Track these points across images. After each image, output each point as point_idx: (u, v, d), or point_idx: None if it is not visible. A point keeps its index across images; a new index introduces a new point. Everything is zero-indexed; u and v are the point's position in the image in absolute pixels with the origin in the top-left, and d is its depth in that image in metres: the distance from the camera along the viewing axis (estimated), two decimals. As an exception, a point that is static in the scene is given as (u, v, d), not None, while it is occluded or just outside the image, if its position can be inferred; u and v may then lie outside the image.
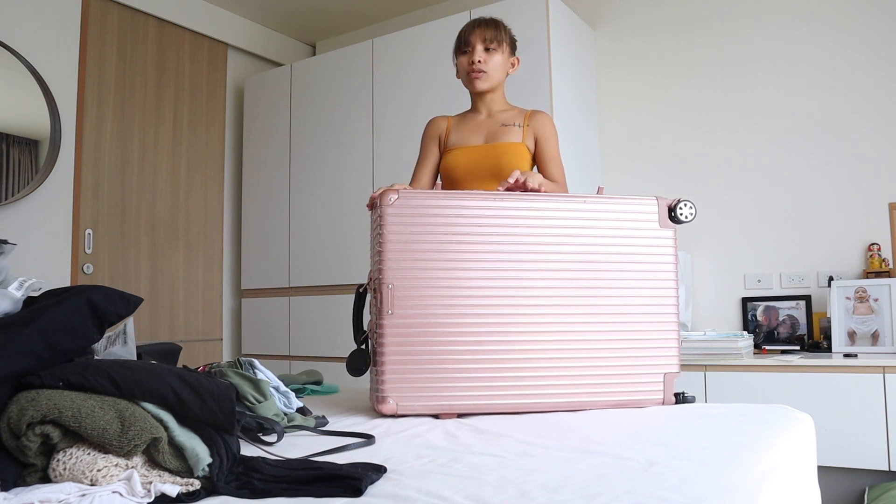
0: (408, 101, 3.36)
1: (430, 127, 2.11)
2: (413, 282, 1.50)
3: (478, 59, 1.95)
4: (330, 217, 3.59)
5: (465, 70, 1.99)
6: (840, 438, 2.35)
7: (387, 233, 1.50)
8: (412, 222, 1.51)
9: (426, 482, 0.95)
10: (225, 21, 3.94)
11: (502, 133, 1.99)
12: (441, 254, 1.51)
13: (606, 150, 3.40)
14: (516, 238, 1.54)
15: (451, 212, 1.52)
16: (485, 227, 1.53)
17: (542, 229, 1.55)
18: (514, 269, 1.53)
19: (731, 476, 0.95)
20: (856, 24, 2.87)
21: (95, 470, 0.85)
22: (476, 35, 1.96)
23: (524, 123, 1.99)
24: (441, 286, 1.50)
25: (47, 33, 3.12)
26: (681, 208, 1.62)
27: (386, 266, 1.49)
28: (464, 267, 1.51)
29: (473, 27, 1.97)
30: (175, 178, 3.68)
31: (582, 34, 3.31)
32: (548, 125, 2.01)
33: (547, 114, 2.05)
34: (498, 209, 1.54)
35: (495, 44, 1.95)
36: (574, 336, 1.55)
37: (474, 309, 1.51)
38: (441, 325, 1.50)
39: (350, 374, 1.60)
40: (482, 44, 1.95)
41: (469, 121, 2.06)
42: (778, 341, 2.89)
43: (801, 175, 2.95)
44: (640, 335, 1.58)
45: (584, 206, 1.58)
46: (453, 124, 2.08)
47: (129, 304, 1.08)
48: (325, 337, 3.53)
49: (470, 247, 1.52)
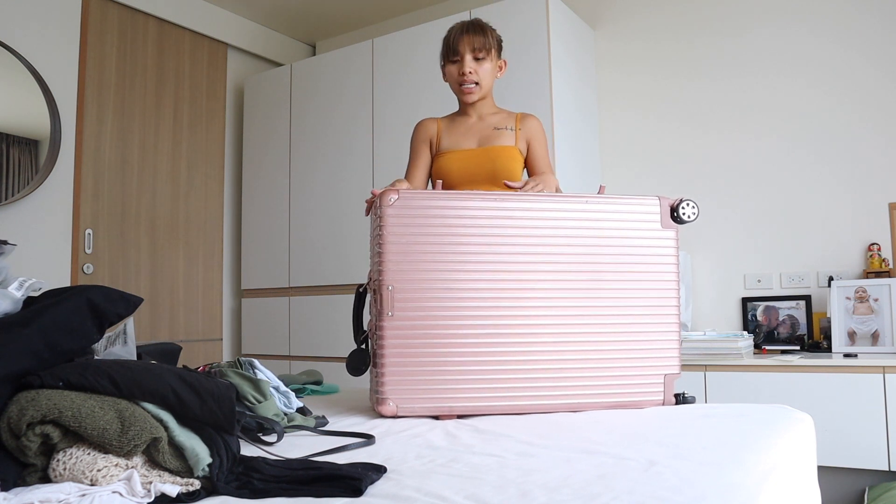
0: (408, 101, 3.36)
1: (419, 129, 2.11)
2: (413, 284, 1.49)
3: (468, 70, 1.94)
4: (330, 217, 3.59)
5: (455, 80, 1.99)
6: (840, 438, 2.35)
7: (387, 234, 1.48)
8: (412, 223, 1.50)
9: (426, 482, 0.95)
10: (225, 21, 3.94)
11: (495, 136, 2.00)
12: (441, 255, 1.50)
13: (606, 150, 3.40)
14: (516, 239, 1.53)
15: (452, 212, 1.51)
16: (485, 228, 1.52)
17: (542, 230, 1.55)
18: (514, 271, 1.52)
19: (731, 476, 0.95)
20: (856, 25, 2.87)
21: (95, 470, 0.85)
22: (464, 44, 1.94)
23: (515, 127, 2.01)
24: (441, 288, 1.49)
25: (47, 33, 3.12)
26: (683, 208, 1.61)
27: (386, 268, 1.48)
28: (464, 268, 1.50)
29: (461, 34, 1.95)
30: (175, 178, 3.68)
31: (582, 34, 3.30)
32: (538, 128, 2.04)
33: (536, 116, 2.07)
34: (498, 209, 1.53)
35: (484, 52, 1.95)
36: (574, 337, 1.54)
37: (475, 311, 1.50)
38: (441, 327, 1.49)
39: (350, 374, 1.60)
40: (471, 53, 1.94)
41: (460, 124, 2.06)
42: (778, 341, 2.89)
43: (801, 175, 2.95)
44: (640, 336, 1.57)
45: (585, 207, 1.57)
46: (443, 127, 2.08)
47: (129, 304, 1.08)
48: (325, 337, 3.53)
49: (470, 248, 1.51)
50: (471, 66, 1.95)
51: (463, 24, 1.99)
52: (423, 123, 2.11)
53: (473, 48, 1.94)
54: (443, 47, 2.00)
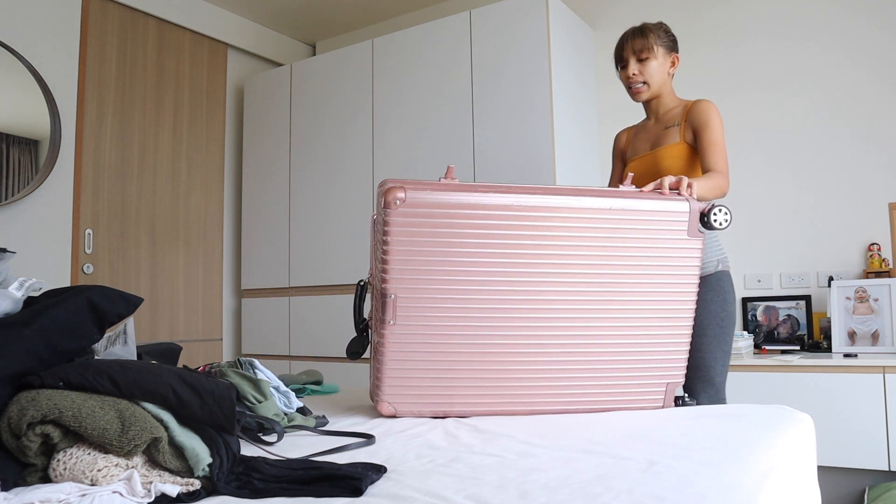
0: (408, 101, 3.36)
1: (614, 143, 2.22)
2: (417, 292, 1.40)
3: (631, 73, 1.99)
4: (330, 217, 3.59)
5: (625, 84, 2.04)
6: (840, 438, 2.35)
7: (391, 241, 1.37)
8: (419, 228, 1.38)
9: (426, 482, 0.95)
10: (225, 21, 3.94)
11: (664, 137, 1.99)
12: (448, 260, 1.40)
13: (606, 150, 3.40)
14: (529, 241, 1.42)
15: (462, 211, 1.38)
16: (496, 230, 1.40)
17: (558, 230, 1.42)
18: (524, 279, 1.42)
19: (731, 476, 0.95)
20: (855, 27, 2.87)
21: (96, 470, 0.85)
22: (627, 49, 2.00)
23: (682, 120, 1.97)
24: (446, 297, 1.41)
25: (47, 33, 3.12)
26: (715, 214, 1.50)
27: (390, 276, 1.39)
28: (471, 276, 1.41)
29: (624, 41, 2.01)
30: (175, 178, 3.68)
31: (582, 34, 3.30)
32: (703, 112, 1.91)
33: (706, 101, 1.94)
34: (512, 206, 1.40)
35: (646, 52, 1.97)
36: (582, 347, 1.48)
37: (480, 319, 1.43)
38: (444, 336, 1.43)
39: (348, 358, 1.64)
40: (634, 56, 1.98)
41: (641, 130, 2.12)
42: (778, 341, 2.89)
43: (801, 175, 2.95)
44: (650, 347, 1.51)
45: (608, 204, 1.44)
46: (631, 136, 2.15)
47: (129, 304, 1.08)
48: (325, 337, 3.53)
49: (479, 251, 1.40)
50: (634, 68, 1.98)
51: (627, 31, 2.03)
52: (616, 136, 2.22)
53: (635, 51, 1.98)
54: (614, 58, 2.07)
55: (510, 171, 3.00)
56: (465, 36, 3.20)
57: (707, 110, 1.90)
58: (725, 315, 1.86)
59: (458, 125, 3.18)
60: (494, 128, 3.08)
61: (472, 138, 3.14)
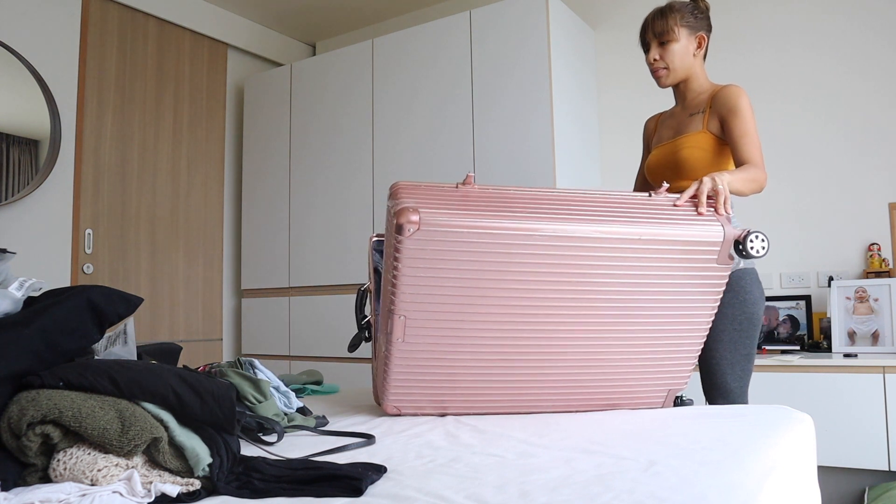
0: (407, 102, 3.36)
1: (644, 130, 2.12)
2: (428, 314, 1.34)
3: (652, 59, 1.88)
4: (330, 217, 3.59)
5: (650, 69, 1.92)
6: (840, 438, 2.35)
7: (402, 267, 1.28)
8: (434, 251, 1.28)
9: (426, 482, 0.95)
10: (225, 21, 3.94)
11: (687, 124, 1.88)
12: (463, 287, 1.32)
13: (606, 151, 3.40)
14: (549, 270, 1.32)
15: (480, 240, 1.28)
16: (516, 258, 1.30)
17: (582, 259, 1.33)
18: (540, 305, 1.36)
19: (731, 476, 0.95)
20: (855, 28, 2.88)
21: (96, 470, 0.85)
22: (649, 33, 1.89)
23: (707, 107, 1.83)
24: (458, 320, 1.36)
25: (47, 33, 3.12)
26: (752, 241, 1.35)
27: (399, 298, 1.32)
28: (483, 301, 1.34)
29: (646, 24, 1.90)
30: (175, 178, 3.68)
31: (582, 34, 3.30)
32: (730, 99, 1.77)
33: (734, 86, 1.79)
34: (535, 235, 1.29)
35: (667, 35, 1.85)
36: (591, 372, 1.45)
37: (489, 341, 1.39)
38: (452, 353, 1.40)
39: (348, 350, 1.66)
40: (655, 40, 1.88)
41: (669, 116, 1.99)
42: (778, 341, 2.89)
43: (801, 175, 2.95)
44: (659, 363, 1.47)
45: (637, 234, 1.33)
46: (659, 122, 2.04)
47: (129, 304, 1.08)
48: (325, 337, 3.53)
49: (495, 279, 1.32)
50: (655, 53, 1.87)
51: (650, 13, 1.91)
52: (645, 123, 2.12)
53: (656, 34, 1.87)
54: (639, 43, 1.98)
55: (510, 170, 3.00)
56: (465, 36, 3.20)
57: (735, 96, 1.76)
58: (745, 318, 1.73)
59: (458, 125, 3.18)
60: (494, 128, 3.08)
61: (472, 138, 3.14)
